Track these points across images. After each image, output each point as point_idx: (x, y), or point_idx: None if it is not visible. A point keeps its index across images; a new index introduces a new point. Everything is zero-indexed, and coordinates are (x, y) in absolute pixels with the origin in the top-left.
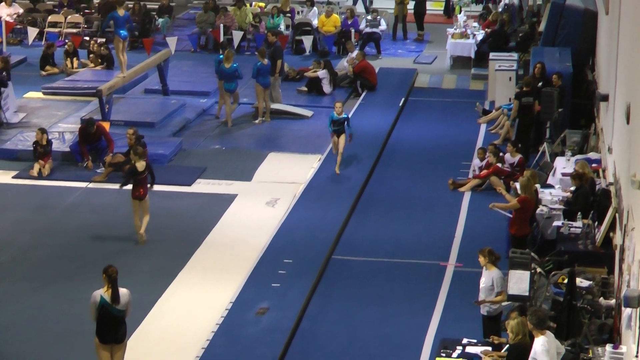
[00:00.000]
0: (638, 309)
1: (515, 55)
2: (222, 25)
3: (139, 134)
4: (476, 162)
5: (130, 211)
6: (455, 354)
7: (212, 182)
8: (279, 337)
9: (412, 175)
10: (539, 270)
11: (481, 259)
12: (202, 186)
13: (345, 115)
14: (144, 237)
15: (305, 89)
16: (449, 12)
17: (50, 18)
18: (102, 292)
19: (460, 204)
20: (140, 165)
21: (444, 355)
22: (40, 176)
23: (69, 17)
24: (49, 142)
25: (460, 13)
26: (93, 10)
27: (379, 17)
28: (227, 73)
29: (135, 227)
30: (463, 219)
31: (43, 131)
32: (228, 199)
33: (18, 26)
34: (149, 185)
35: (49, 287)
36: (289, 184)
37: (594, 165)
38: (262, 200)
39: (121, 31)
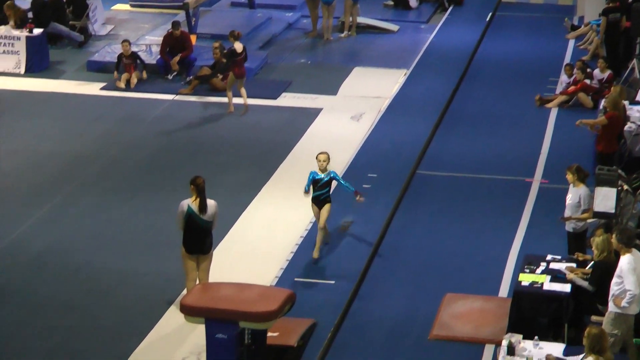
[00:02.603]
0: None
1: None
2: None
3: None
4: (564, 78)
5: (216, 124)
6: (539, 270)
7: (297, 96)
8: (362, 251)
9: (498, 91)
10: (625, 187)
11: (569, 176)
12: (288, 100)
13: (333, 174)
14: (247, 107)
15: (392, 3)
16: None
17: None
18: (189, 202)
19: (546, 121)
20: (238, 46)
21: (527, 271)
22: (127, 88)
23: None
24: (135, 55)
25: None
26: None
27: None
28: None
29: (229, 105)
30: (549, 135)
31: (129, 43)
32: (313, 113)
33: None
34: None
35: (136, 199)
36: (374, 99)
37: None
38: (347, 115)
39: None
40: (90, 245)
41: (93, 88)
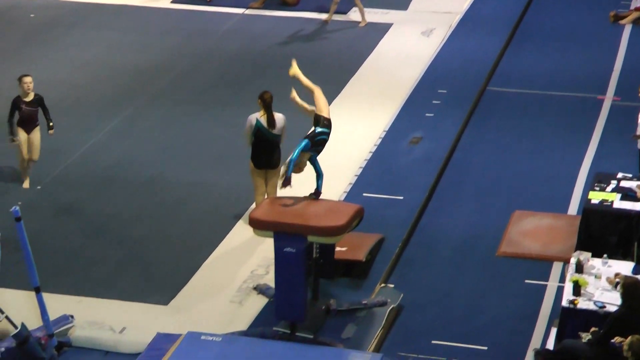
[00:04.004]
0: None
1: None
2: None
3: None
4: None
5: (285, 38)
6: (609, 188)
7: (367, 10)
8: (431, 167)
9: (570, 6)
10: None
11: None
12: (358, 15)
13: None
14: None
15: None
16: None
17: None
18: (258, 116)
19: (620, 37)
20: None
21: (597, 189)
22: (198, 1)
23: None
24: None
25: None
26: None
27: None
28: None
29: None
30: (623, 52)
31: None
32: (383, 28)
33: None
34: None
35: (206, 112)
36: (445, 14)
37: None
38: (418, 30)
39: None
40: (161, 157)
41: (164, 1)
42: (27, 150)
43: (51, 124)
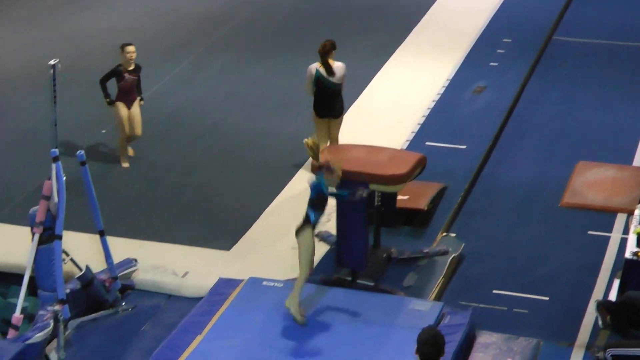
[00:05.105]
0: None
1: None
2: None
3: None
4: None
5: None
6: None
7: None
8: (495, 116)
9: None
10: None
11: None
12: None
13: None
14: None
15: None
16: None
17: None
18: (317, 66)
19: None
20: None
21: None
22: None
23: None
24: None
25: None
26: None
27: None
28: None
29: None
30: None
31: None
32: None
33: None
34: None
35: (268, 60)
36: None
37: None
38: None
39: None
40: (223, 105)
41: None
42: (129, 127)
43: (142, 95)
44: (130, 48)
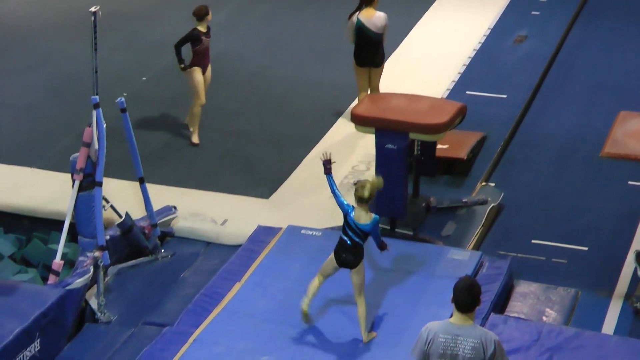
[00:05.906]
0: None
1: None
2: None
3: None
4: None
5: None
6: None
7: None
8: (536, 66)
9: None
10: None
11: None
12: None
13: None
14: None
15: None
16: None
17: None
18: (359, 15)
19: None
20: None
21: None
22: None
23: None
24: None
25: None
26: None
27: None
28: None
29: None
30: None
31: None
32: None
33: None
34: None
35: (310, 7)
36: None
37: None
38: None
39: None
40: (264, 52)
41: None
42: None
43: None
44: (209, 11)
